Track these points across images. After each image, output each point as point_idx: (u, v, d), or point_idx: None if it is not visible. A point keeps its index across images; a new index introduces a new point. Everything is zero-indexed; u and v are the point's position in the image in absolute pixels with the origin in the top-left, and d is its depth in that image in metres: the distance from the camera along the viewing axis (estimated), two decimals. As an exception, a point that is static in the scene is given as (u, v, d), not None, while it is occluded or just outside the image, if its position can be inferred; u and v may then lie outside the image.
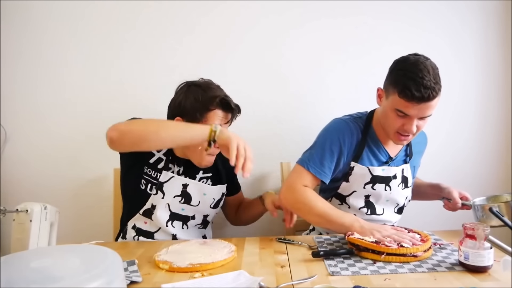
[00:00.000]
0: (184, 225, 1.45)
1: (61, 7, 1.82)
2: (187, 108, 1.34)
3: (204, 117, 1.33)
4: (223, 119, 1.36)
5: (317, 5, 1.84)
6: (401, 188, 1.44)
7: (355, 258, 1.15)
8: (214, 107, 1.33)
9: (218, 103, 1.33)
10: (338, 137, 1.37)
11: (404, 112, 1.25)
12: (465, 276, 1.01)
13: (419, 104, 1.21)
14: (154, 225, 1.42)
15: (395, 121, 1.28)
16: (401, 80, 1.23)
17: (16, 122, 1.86)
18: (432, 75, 1.20)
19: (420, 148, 1.54)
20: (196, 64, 1.85)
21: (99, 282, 0.72)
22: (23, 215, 1.06)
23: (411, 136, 1.31)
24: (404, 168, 1.44)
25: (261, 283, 0.97)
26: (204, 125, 1.20)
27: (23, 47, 1.84)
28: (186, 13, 1.83)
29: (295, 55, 1.86)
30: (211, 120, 1.33)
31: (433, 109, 1.25)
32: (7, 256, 0.84)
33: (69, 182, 1.88)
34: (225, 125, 1.38)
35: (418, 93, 1.19)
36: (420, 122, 1.27)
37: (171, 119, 1.38)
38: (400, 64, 1.29)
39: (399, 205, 1.48)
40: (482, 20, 1.86)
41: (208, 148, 1.20)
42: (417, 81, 1.19)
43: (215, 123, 1.25)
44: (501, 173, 1.92)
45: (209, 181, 1.48)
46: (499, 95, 1.89)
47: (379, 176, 1.39)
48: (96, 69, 1.85)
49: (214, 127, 1.17)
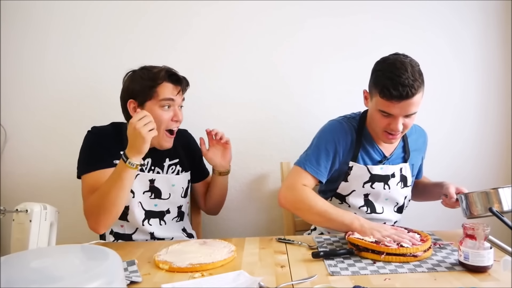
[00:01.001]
0: (161, 221, 1.46)
1: (62, 7, 1.82)
2: (136, 89, 1.37)
3: (155, 92, 1.36)
4: (173, 91, 1.39)
5: (317, 5, 1.84)
6: (400, 187, 1.44)
7: (355, 258, 1.15)
8: (161, 80, 1.36)
9: (164, 76, 1.37)
10: (333, 137, 1.39)
11: (387, 112, 1.27)
12: (465, 276, 1.01)
13: (400, 102, 1.23)
14: (130, 227, 1.43)
15: (381, 121, 1.30)
16: (380, 81, 1.25)
17: (16, 122, 1.86)
18: (410, 73, 1.22)
19: (418, 146, 1.53)
20: (196, 63, 1.84)
21: (99, 282, 0.72)
22: (23, 215, 1.06)
23: (400, 134, 1.33)
24: (402, 167, 1.44)
25: (261, 283, 0.97)
26: (118, 164, 1.26)
27: (23, 47, 1.84)
28: (186, 13, 1.83)
29: (295, 55, 1.86)
30: (161, 93, 1.36)
31: (416, 106, 1.26)
32: (7, 256, 0.85)
33: (69, 182, 1.87)
34: (178, 97, 1.40)
35: (396, 92, 1.21)
36: (406, 120, 1.29)
37: (123, 107, 1.41)
38: (379, 65, 1.31)
39: (399, 204, 1.48)
40: (482, 20, 1.86)
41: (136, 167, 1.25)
42: (394, 80, 1.21)
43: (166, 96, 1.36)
44: (501, 173, 1.92)
45: (178, 166, 1.50)
46: (499, 95, 1.89)
47: (377, 175, 1.40)
48: (96, 69, 1.85)
49: (128, 163, 1.23)
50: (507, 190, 1.18)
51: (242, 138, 1.88)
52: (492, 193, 1.19)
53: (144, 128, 1.21)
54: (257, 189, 1.91)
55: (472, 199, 1.23)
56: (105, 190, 1.26)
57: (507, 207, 1.17)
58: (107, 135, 1.42)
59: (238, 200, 1.88)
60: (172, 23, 1.84)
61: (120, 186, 1.24)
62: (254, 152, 1.90)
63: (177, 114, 1.40)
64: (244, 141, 1.88)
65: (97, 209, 1.27)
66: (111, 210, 1.26)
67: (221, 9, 1.83)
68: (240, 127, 1.88)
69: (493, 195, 1.19)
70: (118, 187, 1.24)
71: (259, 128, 1.88)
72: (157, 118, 1.32)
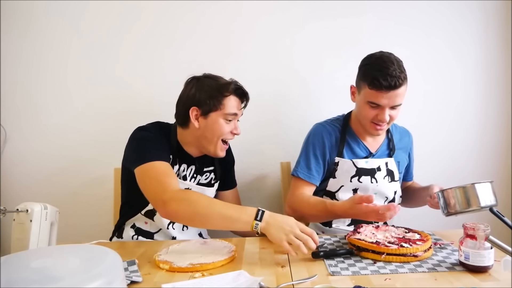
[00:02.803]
0: (184, 226, 1.46)
1: (62, 7, 1.82)
2: (202, 98, 1.35)
3: (221, 104, 1.35)
4: (238, 105, 1.40)
5: (318, 5, 1.84)
6: (388, 181, 1.49)
7: (355, 258, 1.14)
8: (228, 93, 1.36)
9: (232, 89, 1.37)
10: (318, 141, 1.50)
11: (376, 102, 1.35)
12: (465, 276, 1.01)
13: (388, 92, 1.32)
14: (155, 226, 1.42)
15: (369, 112, 1.39)
16: (369, 73, 1.35)
17: (16, 122, 1.86)
18: (396, 66, 1.32)
19: (404, 145, 1.58)
20: (198, 64, 1.84)
21: (99, 282, 0.72)
22: (23, 215, 1.06)
23: (386, 125, 1.41)
24: (388, 161, 1.50)
25: (261, 283, 0.96)
26: (247, 215, 1.12)
27: (23, 47, 1.84)
28: (187, 12, 1.84)
29: (296, 55, 1.86)
30: (227, 106, 1.36)
31: (401, 98, 1.35)
32: (7, 256, 0.84)
33: (69, 182, 1.88)
34: (239, 112, 1.41)
35: (385, 82, 1.30)
36: (392, 112, 1.38)
37: (183, 112, 1.38)
38: (366, 60, 1.42)
39: (389, 199, 1.52)
40: (482, 20, 1.86)
41: None
42: (383, 71, 1.31)
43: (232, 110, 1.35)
44: (501, 173, 1.92)
45: (212, 174, 1.51)
46: (499, 95, 1.89)
47: (363, 168, 1.47)
48: (96, 69, 1.85)
49: (254, 225, 1.11)
50: (485, 185, 1.14)
51: (242, 138, 1.87)
52: (469, 187, 1.13)
53: (300, 246, 1.09)
54: (257, 189, 1.90)
55: (448, 195, 1.17)
56: (209, 208, 1.16)
57: (484, 203, 1.14)
58: (159, 132, 1.40)
59: (238, 200, 1.88)
60: (176, 25, 1.84)
61: (227, 225, 1.16)
62: (254, 152, 1.90)
63: (237, 127, 1.42)
64: (244, 141, 1.87)
65: (181, 213, 1.17)
66: (192, 223, 1.25)
67: (225, 9, 1.84)
68: (240, 127, 1.88)
69: (470, 190, 1.13)
70: (225, 223, 1.15)
71: (259, 128, 1.88)
72: (218, 129, 1.36)
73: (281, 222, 1.12)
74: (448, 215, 1.21)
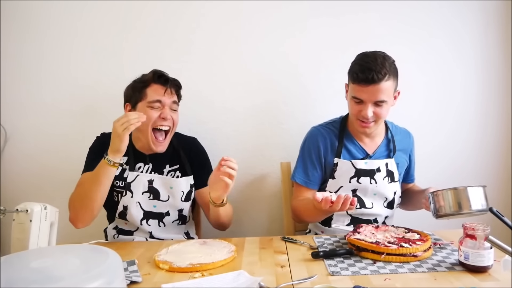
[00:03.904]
0: (160, 222, 1.47)
1: (62, 6, 1.82)
2: (129, 92, 1.47)
3: (144, 93, 1.42)
4: (161, 92, 1.43)
5: (318, 4, 1.83)
6: (387, 182, 1.48)
7: (355, 258, 1.15)
8: (149, 82, 1.43)
9: (151, 78, 1.44)
10: (313, 145, 1.52)
11: (358, 97, 1.37)
12: (465, 276, 1.01)
13: (367, 86, 1.33)
14: (132, 226, 1.47)
15: (353, 108, 1.41)
16: (352, 68, 1.40)
17: (16, 122, 1.86)
18: (379, 62, 1.34)
19: (404, 146, 1.58)
20: (197, 64, 1.84)
21: (99, 282, 0.72)
22: (23, 215, 1.06)
23: (373, 123, 1.41)
24: (388, 162, 1.49)
25: (261, 283, 0.97)
26: (102, 163, 1.32)
27: (23, 47, 1.84)
28: (186, 12, 1.83)
29: (296, 55, 1.86)
30: (150, 95, 1.42)
31: (385, 94, 1.35)
32: (7, 256, 0.85)
33: (69, 182, 1.87)
34: (166, 97, 1.43)
35: (362, 75, 1.33)
36: (377, 109, 1.38)
37: (124, 107, 1.49)
38: (355, 58, 1.43)
39: (388, 199, 1.51)
40: (482, 20, 1.86)
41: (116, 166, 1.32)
42: (362, 65, 1.35)
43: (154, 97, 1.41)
44: (501, 173, 1.92)
45: (177, 172, 1.51)
46: (499, 95, 1.89)
47: (362, 169, 1.46)
48: (96, 68, 1.85)
49: (108, 160, 1.30)
50: (477, 189, 1.11)
51: (242, 138, 1.88)
52: (461, 190, 1.11)
53: (120, 126, 1.28)
54: (257, 189, 1.90)
55: (438, 198, 1.15)
56: (84, 185, 1.36)
57: (475, 207, 1.10)
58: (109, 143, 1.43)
59: (238, 200, 1.88)
60: (175, 25, 1.83)
61: (97, 182, 1.31)
62: (254, 152, 1.90)
63: (164, 112, 1.42)
64: (244, 141, 1.88)
65: (76, 203, 1.35)
66: (87, 204, 1.33)
67: (225, 9, 1.83)
68: (240, 127, 1.88)
69: (461, 192, 1.11)
70: (96, 183, 1.31)
71: (259, 128, 1.88)
72: (146, 118, 1.37)
73: None
74: (438, 217, 1.19)
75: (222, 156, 1.27)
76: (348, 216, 1.50)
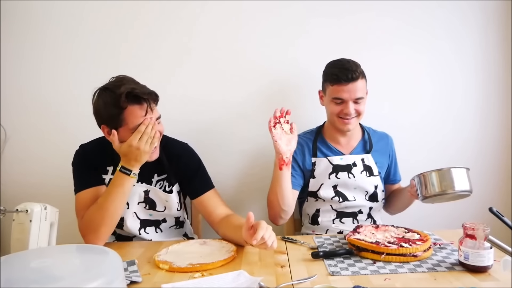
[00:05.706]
0: (157, 228, 1.45)
1: (62, 7, 1.82)
2: (104, 116, 1.29)
3: (122, 120, 1.26)
4: (141, 113, 1.27)
5: (319, 5, 1.83)
6: (366, 176, 1.55)
7: (355, 258, 1.15)
8: (125, 105, 1.24)
9: (125, 101, 1.24)
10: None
11: (339, 97, 1.47)
12: (465, 276, 1.01)
13: (347, 85, 1.45)
14: (129, 233, 1.44)
15: (335, 108, 1.50)
16: (329, 72, 1.51)
17: (16, 122, 1.86)
18: (352, 63, 1.48)
19: (382, 147, 1.62)
20: (196, 64, 1.84)
21: (99, 282, 0.72)
22: (23, 215, 1.06)
23: (354, 119, 1.50)
24: (364, 158, 1.57)
25: (261, 283, 0.97)
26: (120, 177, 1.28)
27: (24, 47, 1.84)
28: (186, 12, 1.83)
29: (296, 55, 1.85)
30: (130, 120, 1.26)
31: (361, 92, 1.47)
32: (7, 256, 0.85)
33: (69, 182, 1.87)
34: (148, 115, 1.28)
35: (342, 75, 1.44)
36: (357, 106, 1.48)
37: (99, 127, 1.34)
38: (326, 65, 1.56)
39: (369, 193, 1.56)
40: (482, 20, 1.86)
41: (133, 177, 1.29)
42: (339, 68, 1.47)
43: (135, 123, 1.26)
44: (501, 173, 1.92)
45: (165, 182, 1.44)
46: (499, 95, 1.89)
47: (339, 165, 1.55)
48: (96, 69, 1.84)
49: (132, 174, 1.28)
50: (460, 171, 1.17)
51: (242, 138, 1.88)
52: (445, 170, 1.17)
53: (145, 145, 1.26)
54: (257, 189, 1.90)
55: (424, 179, 1.20)
56: (104, 202, 1.27)
57: (459, 187, 1.15)
58: (93, 153, 1.42)
59: (238, 200, 1.88)
60: (175, 25, 1.83)
61: (121, 197, 1.27)
62: (255, 152, 1.89)
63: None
64: (244, 141, 1.88)
65: (97, 222, 1.26)
66: (111, 221, 1.28)
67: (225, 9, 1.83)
68: (240, 127, 1.88)
69: (445, 173, 1.17)
70: (119, 198, 1.27)
71: (260, 128, 1.87)
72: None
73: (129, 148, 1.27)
74: (424, 199, 1.26)
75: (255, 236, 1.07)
76: (334, 211, 1.56)
